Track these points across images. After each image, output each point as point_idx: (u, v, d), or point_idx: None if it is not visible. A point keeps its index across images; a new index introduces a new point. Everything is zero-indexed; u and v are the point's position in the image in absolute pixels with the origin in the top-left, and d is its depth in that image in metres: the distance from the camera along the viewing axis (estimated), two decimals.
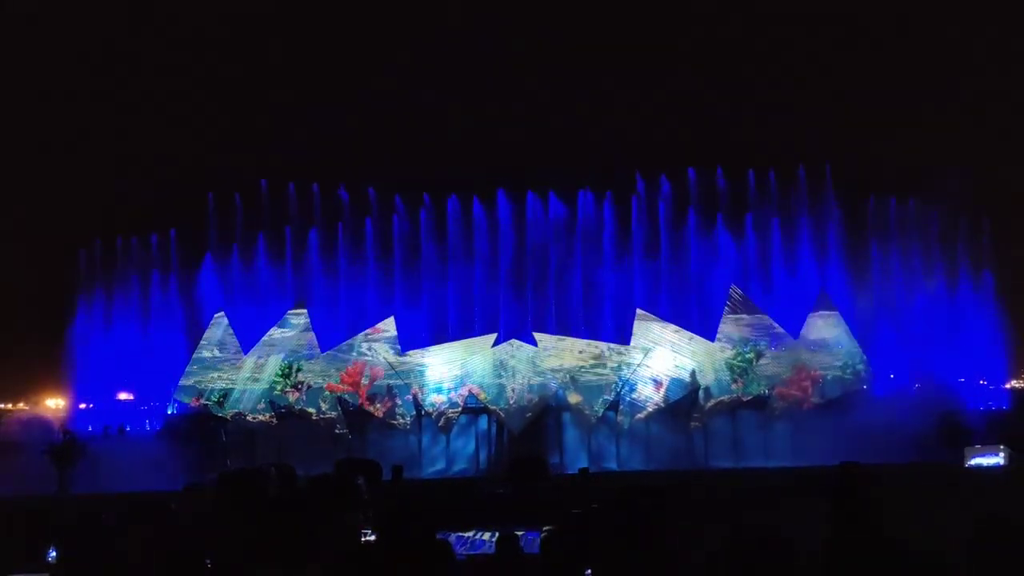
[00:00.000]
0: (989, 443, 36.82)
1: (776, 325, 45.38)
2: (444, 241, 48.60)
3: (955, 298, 46.80)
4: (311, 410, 44.87)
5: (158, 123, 63.11)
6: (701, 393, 44.32)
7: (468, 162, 53.65)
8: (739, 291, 45.81)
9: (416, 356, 45.85)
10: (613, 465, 43.20)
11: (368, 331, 46.11)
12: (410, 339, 46.56)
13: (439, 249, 48.62)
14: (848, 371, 44.25)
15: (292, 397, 44.94)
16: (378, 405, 44.91)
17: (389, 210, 49.16)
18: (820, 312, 45.34)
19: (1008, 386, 47.66)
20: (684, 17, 63.84)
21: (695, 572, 5.96)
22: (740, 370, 44.41)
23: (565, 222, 48.64)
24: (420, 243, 48.59)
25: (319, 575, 5.38)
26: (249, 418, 44.72)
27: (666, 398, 44.44)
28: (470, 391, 44.80)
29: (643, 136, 58.95)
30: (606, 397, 44.44)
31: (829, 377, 44.16)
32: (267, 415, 44.74)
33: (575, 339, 46.08)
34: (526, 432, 43.82)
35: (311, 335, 45.96)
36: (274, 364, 45.37)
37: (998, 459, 35.41)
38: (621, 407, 44.36)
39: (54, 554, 6.07)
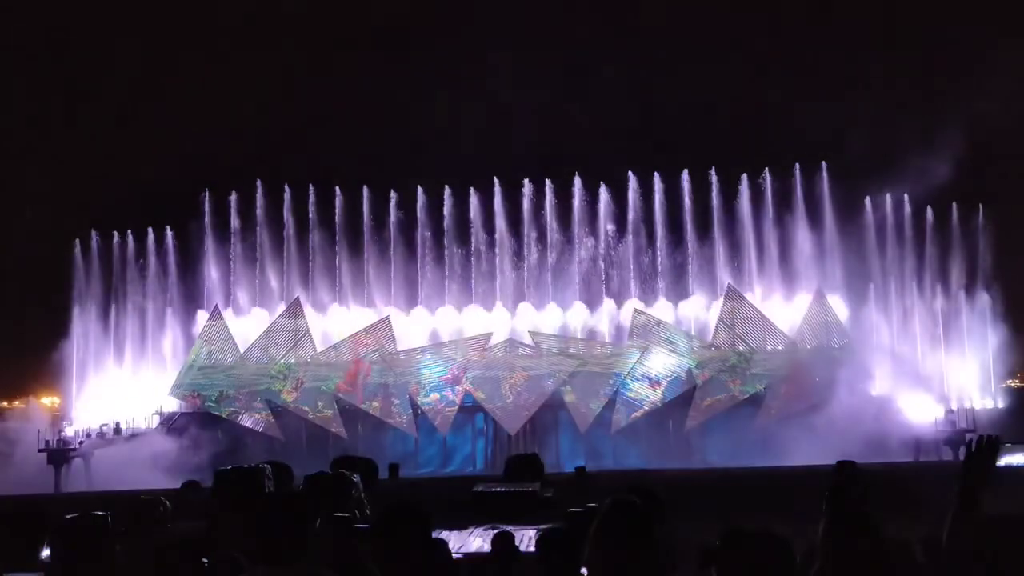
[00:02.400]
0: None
1: (773, 323, 45.43)
2: (440, 236, 48.57)
3: (953, 296, 46.85)
4: (307, 408, 44.86)
5: (156, 118, 63.07)
6: (697, 391, 44.39)
7: (463, 155, 53.59)
8: (735, 288, 45.87)
9: (413, 354, 45.86)
10: (609, 463, 43.22)
11: (364, 328, 46.09)
12: (407, 337, 46.60)
13: (436, 244, 48.59)
14: (845, 369, 44.21)
15: (288, 396, 44.92)
16: (374, 403, 44.90)
17: (385, 205, 49.08)
18: (817, 310, 45.36)
19: (1005, 385, 47.73)
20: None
21: (689, 571, 5.94)
22: (737, 368, 44.46)
23: (564, 216, 48.64)
24: (416, 238, 48.54)
25: (317, 574, 5.35)
26: (245, 416, 44.71)
27: (662, 396, 44.51)
28: (466, 389, 44.83)
29: (639, 132, 58.98)
30: (603, 395, 44.47)
31: (826, 375, 44.11)
32: (263, 413, 44.72)
33: (572, 337, 46.12)
34: (522, 430, 43.90)
35: (307, 333, 45.91)
36: (270, 362, 45.34)
37: None
38: (617, 405, 44.42)
39: (47, 553, 6.05)
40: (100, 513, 6.00)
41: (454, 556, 9.48)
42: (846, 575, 3.94)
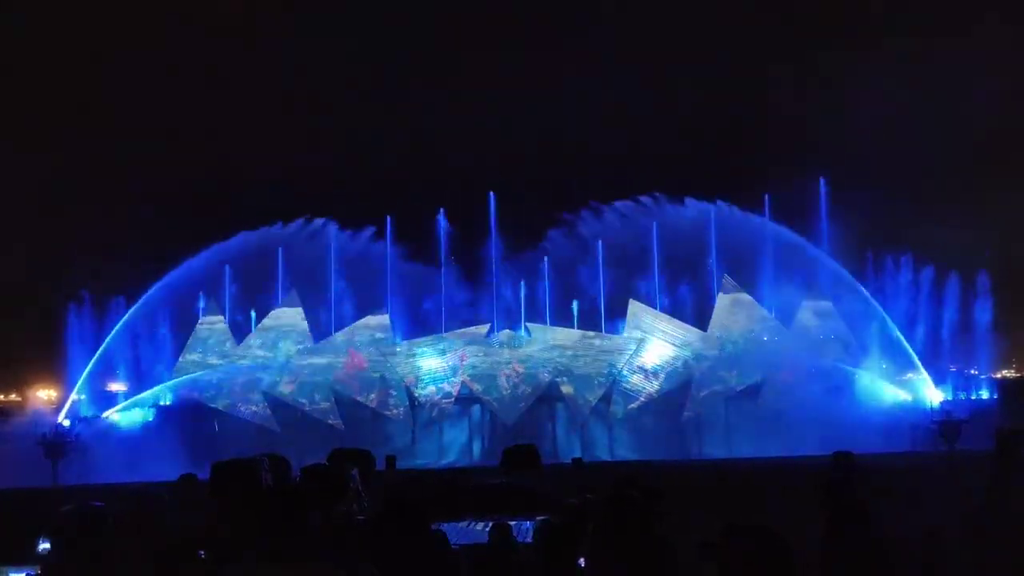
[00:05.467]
0: (979, 433, 36.79)
1: (769, 315, 45.43)
2: (439, 234, 48.28)
3: (947, 288, 46.80)
4: (304, 400, 44.84)
5: (157, 128, 63.22)
6: (694, 383, 44.42)
7: (455, 160, 53.79)
8: (733, 282, 45.83)
9: (410, 346, 45.83)
10: (606, 455, 43.26)
11: (362, 321, 46.03)
12: (404, 330, 46.56)
13: (434, 243, 48.34)
14: (840, 361, 44.24)
15: (286, 388, 44.89)
16: (372, 396, 44.90)
17: (384, 204, 48.94)
18: (813, 302, 45.38)
19: (999, 375, 47.79)
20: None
21: (688, 564, 5.94)
22: (734, 359, 44.47)
23: (560, 214, 48.38)
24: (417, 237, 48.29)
25: (312, 570, 5.35)
26: (242, 409, 44.67)
27: (660, 388, 44.54)
28: (463, 381, 44.84)
29: (636, 129, 59.17)
30: (599, 386, 44.50)
31: (822, 366, 44.11)
32: (260, 405, 44.70)
33: (568, 329, 46.09)
34: (519, 422, 43.89)
35: (305, 326, 45.85)
36: (267, 355, 45.27)
37: None
38: (615, 396, 44.46)
39: (45, 546, 6.04)
40: (98, 505, 5.99)
41: (452, 547, 9.47)
42: (848, 573, 3.94)
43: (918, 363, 43.82)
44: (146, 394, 45.12)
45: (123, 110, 64.27)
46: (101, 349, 45.12)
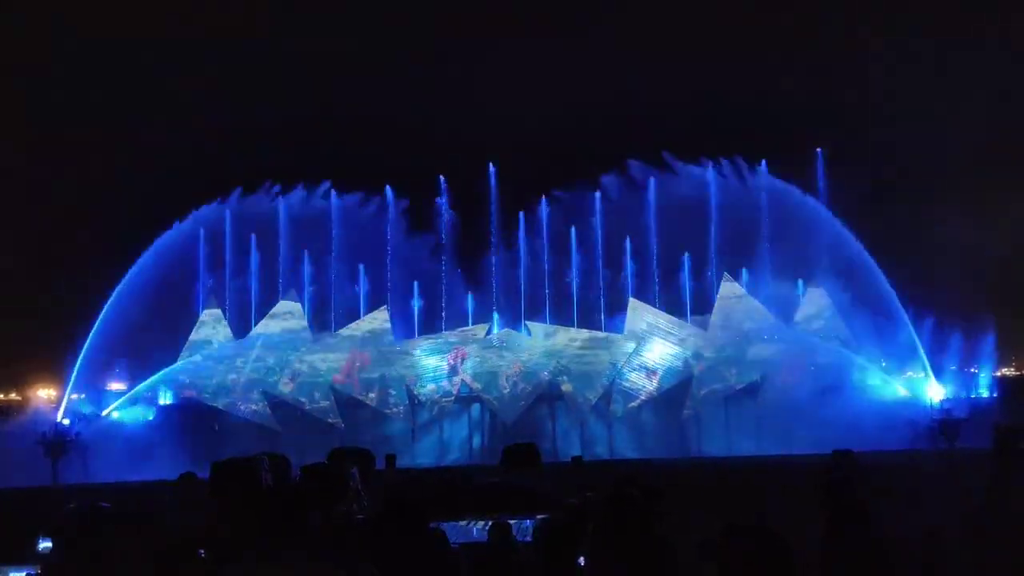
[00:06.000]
0: (979, 432, 36.73)
1: (768, 312, 45.39)
2: (436, 231, 48.19)
3: (947, 289, 46.76)
4: (304, 399, 44.84)
5: (151, 122, 63.27)
6: (694, 381, 44.41)
7: (455, 155, 53.79)
8: (731, 279, 45.79)
9: (410, 345, 45.82)
10: (606, 453, 43.27)
11: (361, 320, 46.02)
12: (404, 328, 46.58)
13: (432, 239, 48.25)
14: (839, 358, 44.18)
15: (285, 387, 44.89)
16: (371, 394, 44.90)
17: (382, 200, 48.82)
18: (811, 299, 45.36)
19: (998, 374, 47.76)
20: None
21: (688, 564, 5.95)
22: (734, 357, 44.45)
23: (560, 212, 48.23)
24: (414, 233, 48.15)
25: (312, 570, 5.35)
26: (242, 408, 44.67)
27: (659, 386, 44.53)
28: (463, 380, 44.84)
29: (632, 125, 59.25)
30: (599, 385, 44.50)
31: (820, 364, 44.07)
32: (260, 404, 44.70)
33: (568, 328, 46.06)
34: (519, 421, 43.91)
35: (304, 325, 45.83)
36: (267, 354, 45.27)
37: None
38: (614, 395, 44.47)
39: (45, 545, 6.04)
40: (104, 506, 5.99)
41: (451, 546, 9.45)
42: (848, 573, 3.94)
43: (923, 354, 43.65)
44: (142, 386, 45.06)
45: (123, 110, 64.29)
46: (92, 333, 44.87)
